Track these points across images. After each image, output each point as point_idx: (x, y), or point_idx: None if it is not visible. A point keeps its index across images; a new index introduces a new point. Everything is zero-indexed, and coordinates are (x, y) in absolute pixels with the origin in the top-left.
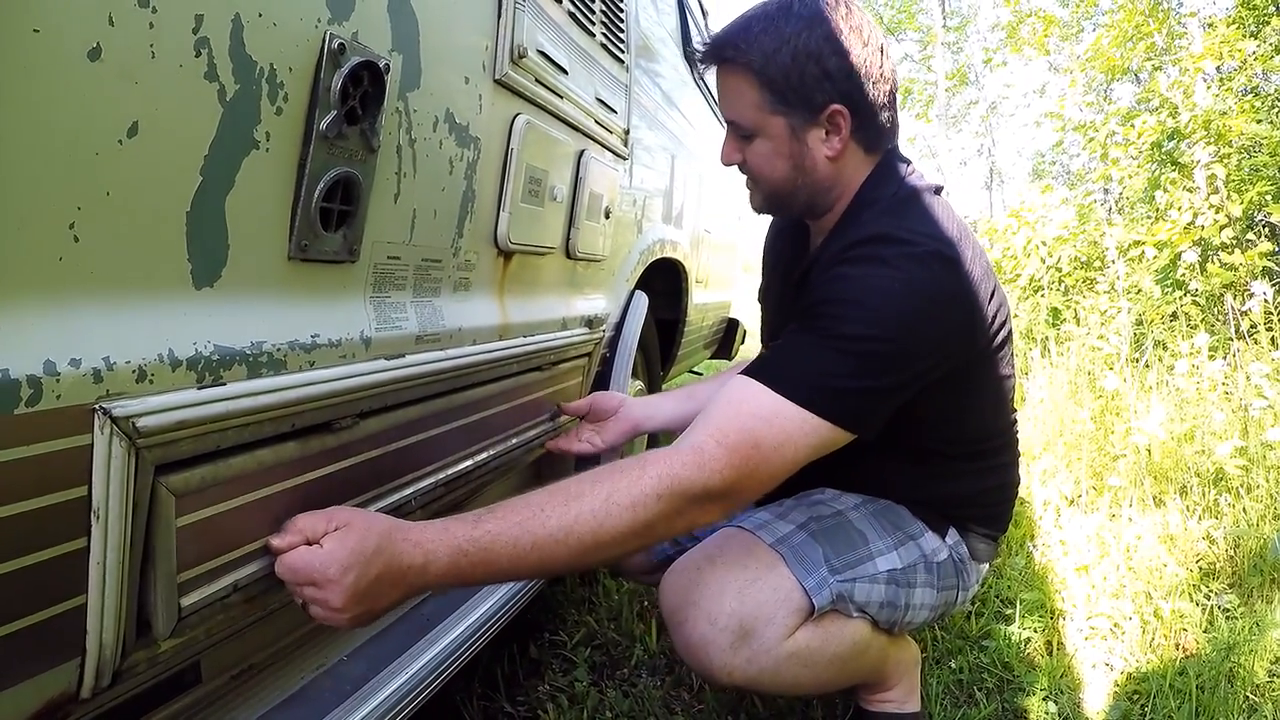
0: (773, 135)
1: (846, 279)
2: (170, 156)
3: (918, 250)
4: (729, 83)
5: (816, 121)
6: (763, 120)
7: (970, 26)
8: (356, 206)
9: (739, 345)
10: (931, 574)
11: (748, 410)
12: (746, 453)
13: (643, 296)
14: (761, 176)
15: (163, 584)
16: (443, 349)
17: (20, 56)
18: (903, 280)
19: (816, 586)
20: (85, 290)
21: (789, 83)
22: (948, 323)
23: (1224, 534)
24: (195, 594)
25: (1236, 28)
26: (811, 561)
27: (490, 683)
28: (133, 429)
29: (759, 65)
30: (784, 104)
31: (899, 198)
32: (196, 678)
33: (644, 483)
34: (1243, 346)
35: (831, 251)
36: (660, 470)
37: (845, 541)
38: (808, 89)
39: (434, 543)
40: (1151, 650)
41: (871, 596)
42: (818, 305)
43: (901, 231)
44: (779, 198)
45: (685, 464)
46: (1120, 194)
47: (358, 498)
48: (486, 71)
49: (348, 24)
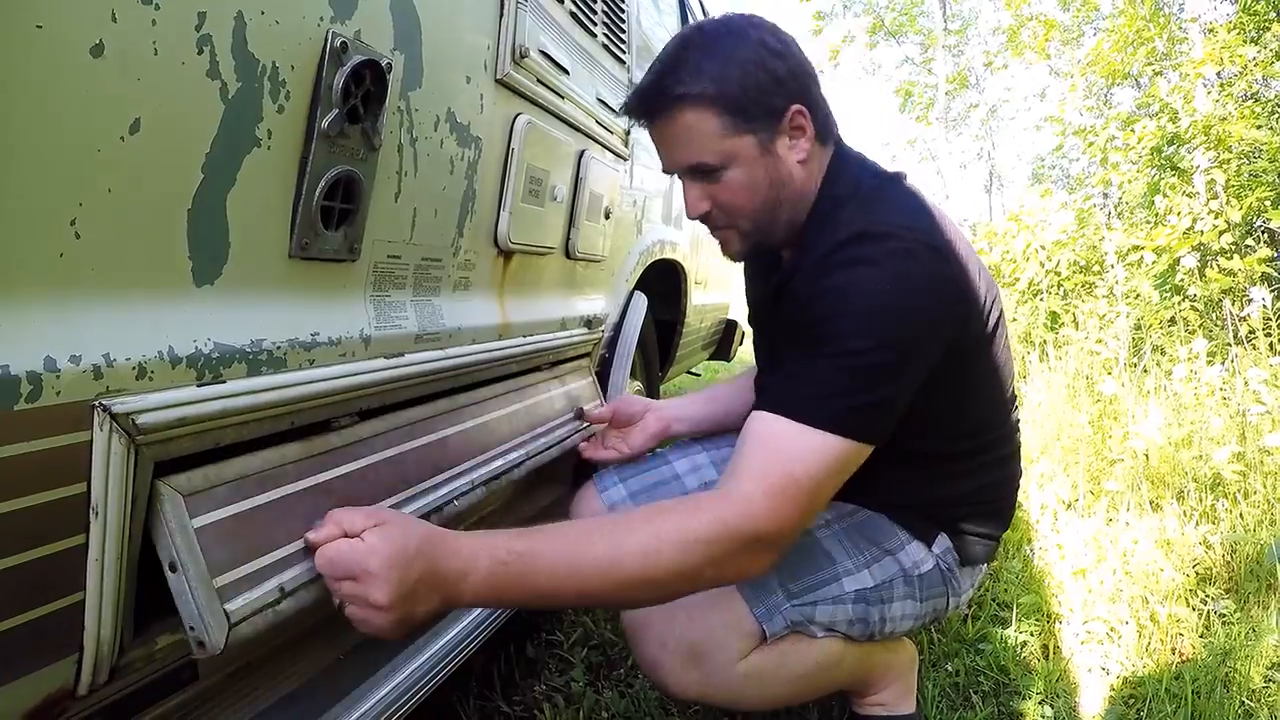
0: (745, 159)
1: (839, 291)
2: (172, 154)
3: (903, 244)
4: (682, 124)
5: (780, 129)
6: (732, 147)
7: (971, 30)
8: (357, 205)
9: (737, 346)
10: (912, 586)
11: (781, 450)
12: (792, 494)
13: (642, 297)
14: (740, 210)
15: (201, 589)
16: (442, 348)
17: (23, 52)
18: (893, 278)
19: (767, 614)
20: (86, 287)
21: (747, 96)
22: (944, 310)
23: (1221, 539)
24: (240, 599)
25: (1237, 33)
26: (763, 588)
27: (487, 682)
28: (132, 426)
29: (714, 91)
30: (747, 120)
31: (867, 192)
32: (193, 675)
33: (696, 526)
34: (1241, 352)
35: (813, 258)
36: (712, 516)
37: (807, 564)
38: (765, 97)
39: (474, 550)
40: (1148, 655)
41: (837, 616)
42: (817, 324)
43: (881, 226)
44: (761, 229)
45: (735, 513)
46: (1120, 199)
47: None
48: (488, 71)
49: (350, 22)
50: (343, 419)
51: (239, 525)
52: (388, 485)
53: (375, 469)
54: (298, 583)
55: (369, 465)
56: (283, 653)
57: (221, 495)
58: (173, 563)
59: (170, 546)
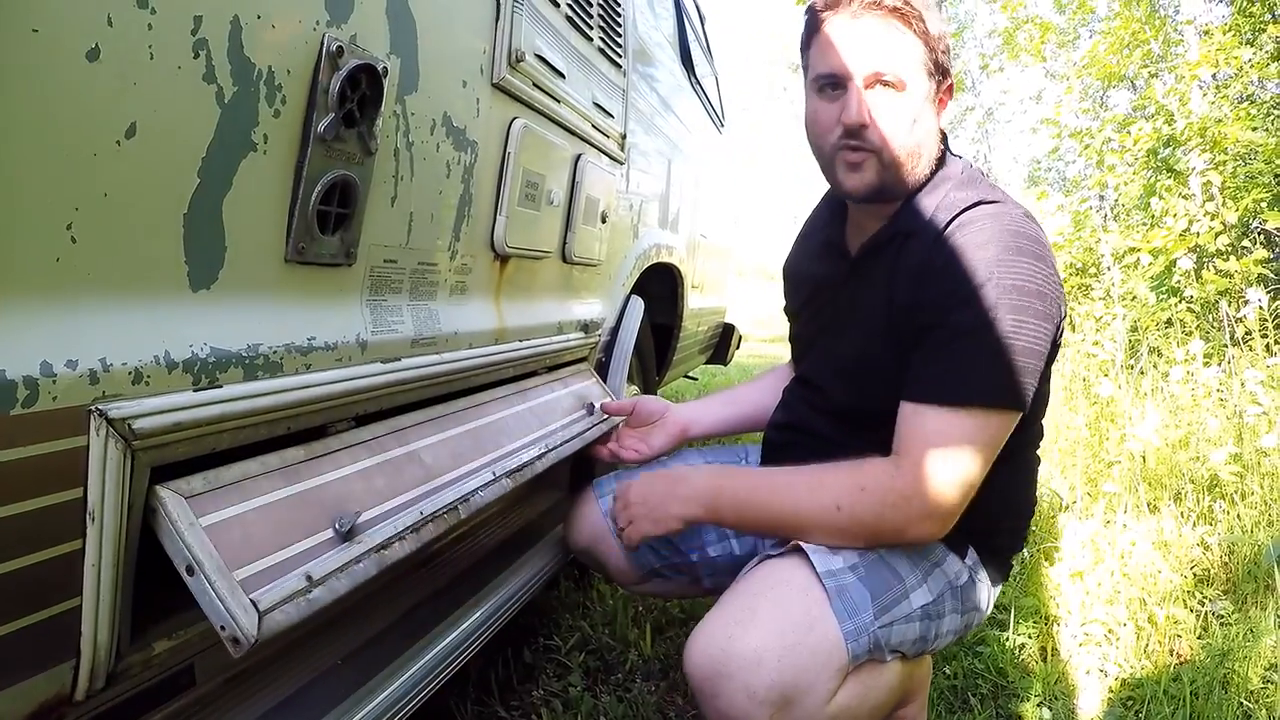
0: (919, 95)
1: (966, 260)
2: (168, 158)
3: (1015, 212)
4: (896, 34)
5: (941, 93)
6: (918, 79)
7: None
8: (353, 209)
9: (734, 350)
10: (956, 599)
11: (938, 439)
12: (949, 479)
13: (638, 301)
14: (893, 137)
15: (221, 582)
16: (438, 353)
17: (19, 57)
18: (1017, 235)
19: (854, 632)
20: (82, 291)
21: (942, 53)
22: (1055, 274)
23: (1218, 540)
24: (265, 590)
25: (1233, 35)
26: (857, 604)
27: (484, 687)
28: (128, 430)
29: (933, 31)
30: (935, 69)
31: (969, 176)
32: (190, 680)
33: (871, 501)
34: (1237, 353)
35: (925, 224)
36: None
37: (883, 581)
38: (947, 60)
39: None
40: (1146, 656)
41: (906, 636)
42: (952, 294)
43: (994, 195)
44: (896, 167)
45: (898, 491)
46: (1116, 201)
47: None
48: (484, 75)
49: (346, 26)
50: (339, 424)
51: (242, 526)
52: (383, 490)
53: (371, 473)
54: (325, 571)
55: (365, 470)
56: (280, 658)
57: (221, 498)
58: (189, 565)
59: (182, 548)
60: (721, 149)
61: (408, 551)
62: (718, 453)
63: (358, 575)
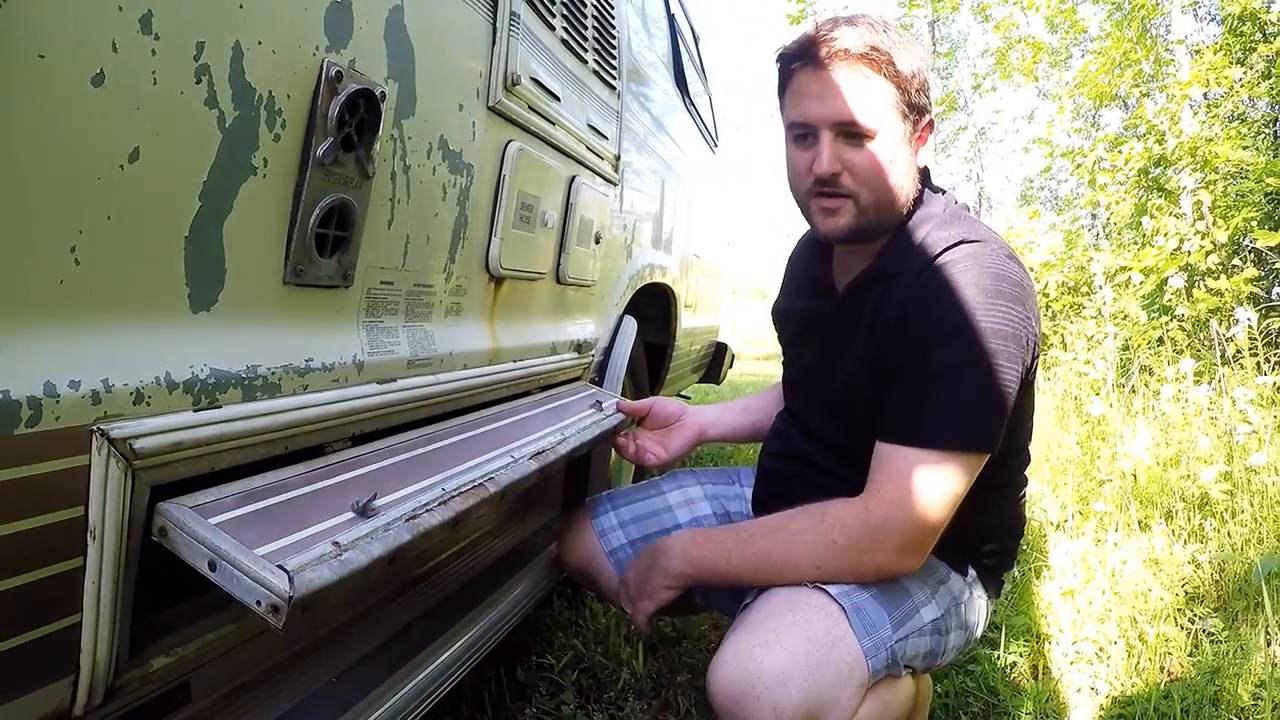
0: (893, 138)
1: (944, 302)
2: (170, 181)
3: (996, 251)
4: (862, 79)
5: (919, 132)
6: (890, 122)
7: (960, 52)
8: (351, 232)
9: (727, 369)
10: (960, 615)
11: (910, 479)
12: (920, 516)
13: (632, 321)
14: (869, 182)
15: (245, 559)
16: (434, 374)
17: (26, 81)
18: (995, 278)
19: (874, 648)
20: (85, 313)
21: (918, 90)
22: (1033, 315)
23: (1209, 558)
24: (294, 557)
25: (1223, 55)
26: (874, 621)
27: (478, 705)
28: (129, 450)
29: (903, 71)
30: (909, 109)
31: (951, 213)
32: (186, 697)
33: (839, 538)
34: (1228, 372)
35: (906, 264)
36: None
37: (895, 597)
38: (924, 99)
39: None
40: (1137, 674)
41: (919, 650)
42: (926, 335)
43: (974, 235)
44: (873, 210)
45: (871, 532)
46: (1107, 220)
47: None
48: (480, 99)
49: (345, 52)
50: (336, 444)
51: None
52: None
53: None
54: (352, 539)
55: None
56: (275, 675)
57: (223, 507)
58: (210, 561)
59: (200, 548)
60: (715, 168)
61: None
62: (711, 474)
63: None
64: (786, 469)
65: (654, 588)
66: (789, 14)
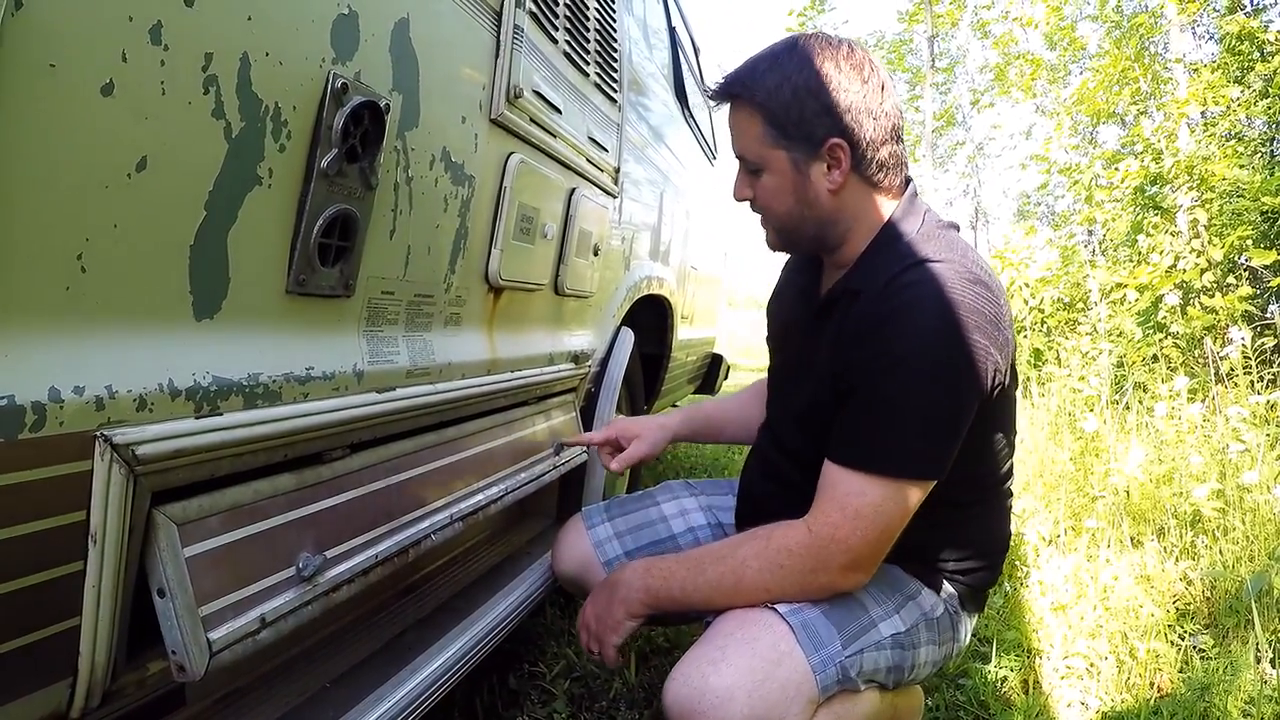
0: (777, 169)
1: (895, 327)
2: (176, 191)
3: (959, 274)
4: (737, 119)
5: (818, 155)
6: (768, 154)
7: (959, 68)
8: (353, 242)
9: (722, 380)
10: (932, 631)
11: (853, 502)
12: (864, 537)
13: (629, 332)
14: (769, 210)
15: (186, 617)
16: (432, 383)
17: (37, 90)
18: (950, 305)
19: (822, 664)
20: (90, 319)
21: (789, 117)
22: (994, 342)
23: (1200, 575)
24: (223, 628)
25: (1221, 74)
26: (822, 637)
27: (470, 713)
28: (132, 456)
29: (763, 100)
30: (786, 138)
31: (925, 232)
32: (181, 700)
33: (784, 558)
34: (1221, 390)
35: (871, 283)
36: (797, 555)
37: (848, 612)
38: (808, 124)
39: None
40: (1127, 690)
41: (879, 664)
42: (876, 360)
43: (939, 255)
44: (788, 232)
45: (815, 554)
46: (1103, 236)
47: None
48: (483, 111)
49: (351, 64)
50: (335, 451)
51: (228, 554)
52: (377, 518)
53: (365, 501)
54: (278, 613)
55: (359, 498)
56: (268, 680)
57: (214, 525)
58: (161, 589)
59: (161, 573)
60: (713, 180)
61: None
62: (706, 485)
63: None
64: (766, 488)
65: (615, 621)
66: (789, 28)
